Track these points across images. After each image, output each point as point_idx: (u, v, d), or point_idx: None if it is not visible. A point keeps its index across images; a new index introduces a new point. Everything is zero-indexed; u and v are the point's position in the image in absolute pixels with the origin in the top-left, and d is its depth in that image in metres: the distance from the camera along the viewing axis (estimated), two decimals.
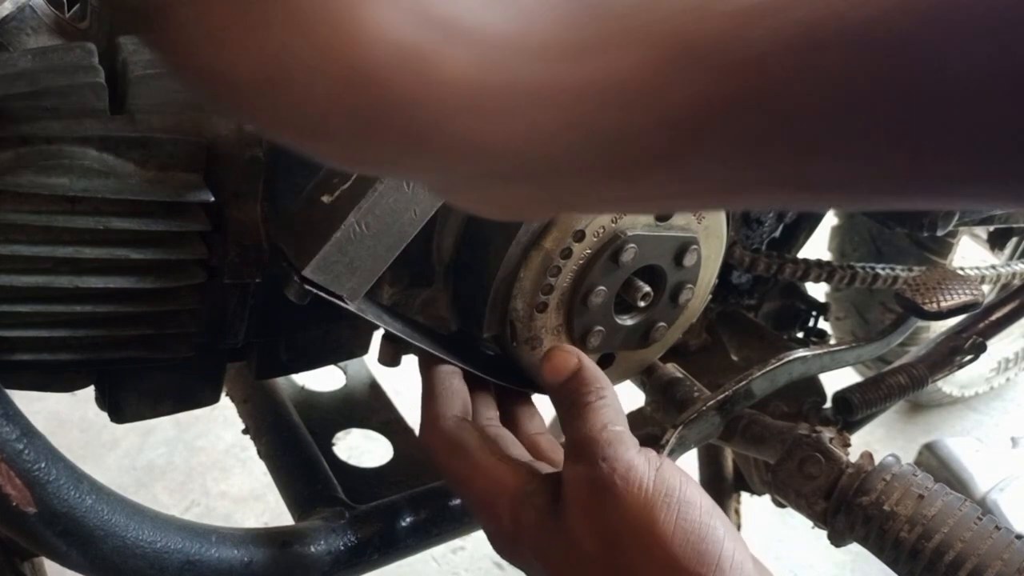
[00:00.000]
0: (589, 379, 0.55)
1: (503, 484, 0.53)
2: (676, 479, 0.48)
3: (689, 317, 0.70)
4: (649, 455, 0.50)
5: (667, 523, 0.46)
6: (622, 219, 0.60)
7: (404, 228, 0.51)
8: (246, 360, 0.66)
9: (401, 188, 0.49)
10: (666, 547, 0.45)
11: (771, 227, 0.88)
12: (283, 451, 0.79)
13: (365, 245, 0.50)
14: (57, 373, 0.57)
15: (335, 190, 0.49)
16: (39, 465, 0.49)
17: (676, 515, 0.46)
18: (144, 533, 0.55)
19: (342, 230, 0.48)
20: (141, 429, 1.66)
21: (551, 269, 0.60)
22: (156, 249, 0.52)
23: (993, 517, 0.65)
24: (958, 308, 0.85)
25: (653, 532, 0.46)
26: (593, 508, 0.48)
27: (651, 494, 0.47)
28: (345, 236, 0.49)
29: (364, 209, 0.49)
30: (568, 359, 0.55)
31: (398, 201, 0.49)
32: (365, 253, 0.50)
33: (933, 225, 0.81)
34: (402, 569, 0.74)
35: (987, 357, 1.20)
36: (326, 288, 0.50)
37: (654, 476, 0.48)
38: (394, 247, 0.52)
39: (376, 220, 0.49)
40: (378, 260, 0.52)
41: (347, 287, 0.51)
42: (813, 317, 1.00)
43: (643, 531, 0.46)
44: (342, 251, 0.49)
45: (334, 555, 0.65)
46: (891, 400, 0.88)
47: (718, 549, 0.46)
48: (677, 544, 0.45)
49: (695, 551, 0.45)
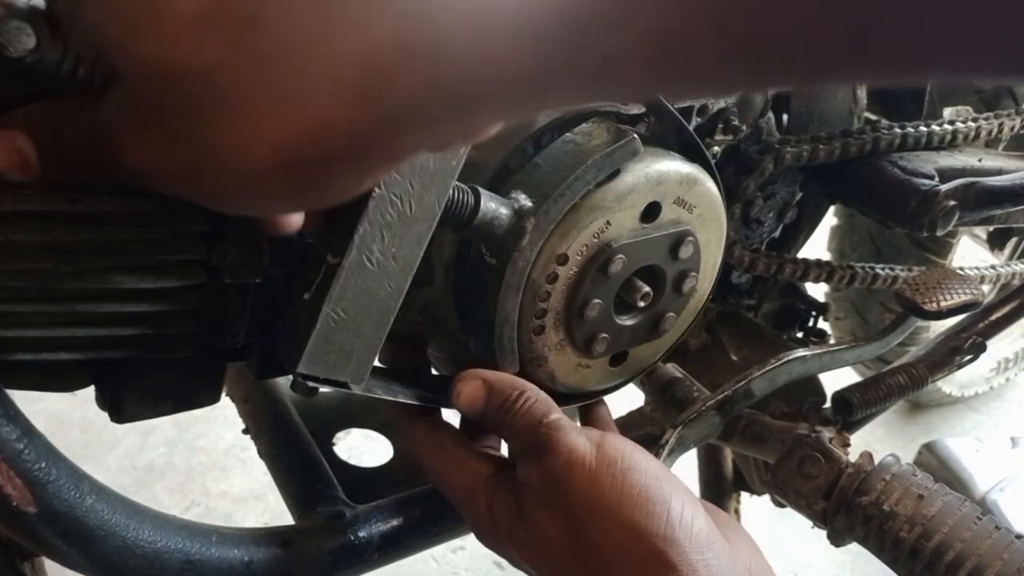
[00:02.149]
0: (504, 389, 0.57)
1: (479, 475, 0.56)
2: (618, 450, 0.51)
3: (698, 301, 0.70)
4: (590, 434, 0.53)
5: (613, 491, 0.49)
6: (606, 232, 0.59)
7: (385, 303, 0.51)
8: (246, 360, 0.66)
9: (365, 266, 0.49)
10: (617, 513, 0.48)
11: (771, 227, 0.88)
12: (283, 451, 0.79)
13: (350, 330, 0.50)
14: (57, 373, 0.57)
15: (311, 285, 0.50)
16: (39, 465, 0.49)
17: (621, 482, 0.49)
18: (144, 533, 0.55)
19: (320, 322, 0.49)
20: (141, 429, 1.66)
21: (540, 295, 0.60)
22: (156, 249, 0.52)
23: (993, 517, 0.65)
24: (958, 308, 0.85)
25: (602, 504, 0.49)
26: (548, 499, 0.51)
27: (594, 469, 0.50)
28: (325, 327, 0.49)
29: (334, 297, 0.49)
30: (475, 387, 0.57)
31: (367, 280, 0.50)
32: (352, 336, 0.51)
33: (933, 225, 0.81)
34: (402, 569, 0.74)
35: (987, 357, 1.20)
36: (328, 379, 0.51)
37: (595, 452, 0.51)
38: (382, 323, 0.52)
39: (351, 303, 0.50)
40: (370, 340, 0.52)
41: (348, 372, 0.52)
42: (813, 317, 1.00)
43: (594, 506, 0.49)
44: (327, 341, 0.50)
45: (334, 555, 0.65)
46: (891, 400, 0.88)
47: (665, 507, 0.48)
48: (626, 509, 0.48)
49: (643, 512, 0.48)
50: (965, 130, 0.90)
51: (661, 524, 0.48)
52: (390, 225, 0.48)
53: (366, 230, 0.48)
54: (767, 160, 0.77)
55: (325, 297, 0.49)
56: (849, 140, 0.82)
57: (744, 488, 1.11)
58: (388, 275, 0.50)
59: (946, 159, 0.88)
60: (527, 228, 0.53)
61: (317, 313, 0.49)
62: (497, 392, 0.57)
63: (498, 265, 0.58)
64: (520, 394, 0.56)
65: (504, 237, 0.53)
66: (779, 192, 0.85)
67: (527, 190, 0.55)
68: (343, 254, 0.48)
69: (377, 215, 0.48)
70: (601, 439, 0.53)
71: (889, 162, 0.84)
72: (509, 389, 0.57)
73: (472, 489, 0.55)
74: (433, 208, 0.49)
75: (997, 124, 0.94)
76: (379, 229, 0.48)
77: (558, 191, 0.56)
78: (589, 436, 0.53)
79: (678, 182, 0.62)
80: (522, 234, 0.53)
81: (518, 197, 0.54)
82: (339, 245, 0.49)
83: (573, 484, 0.50)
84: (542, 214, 0.56)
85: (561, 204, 0.57)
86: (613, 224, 0.59)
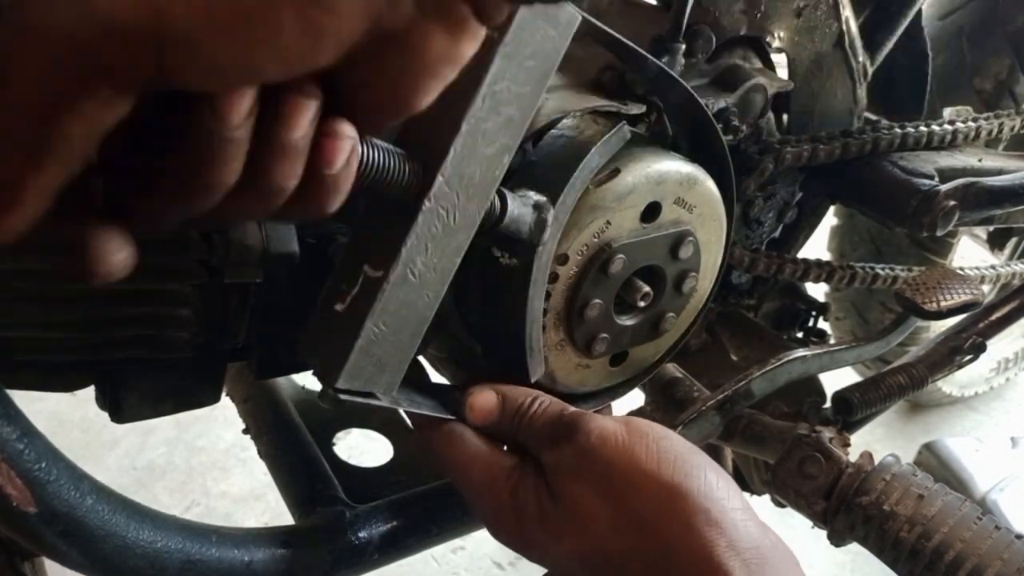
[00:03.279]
0: (518, 397, 0.57)
1: (500, 466, 0.55)
2: (646, 425, 0.52)
3: (699, 301, 0.70)
4: (615, 415, 0.54)
5: (650, 458, 0.50)
6: (606, 232, 0.59)
7: (422, 313, 0.51)
8: (246, 360, 0.66)
9: (408, 279, 0.48)
10: (655, 478, 0.49)
11: (771, 227, 0.88)
12: (283, 451, 0.79)
13: (388, 342, 0.50)
14: (57, 373, 0.57)
15: (346, 297, 0.49)
16: (39, 465, 0.49)
17: (656, 448, 0.51)
18: (144, 533, 0.55)
19: (363, 336, 0.48)
20: (141, 429, 1.65)
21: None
22: (157, 250, 0.52)
23: (993, 517, 0.65)
24: (958, 308, 0.85)
25: (640, 470, 0.50)
26: (583, 474, 0.51)
27: (628, 441, 0.51)
28: (367, 341, 0.48)
29: (378, 311, 0.48)
30: (488, 398, 0.57)
31: (408, 293, 0.49)
32: (390, 349, 0.50)
33: (933, 225, 0.81)
34: (402, 569, 0.74)
35: (987, 357, 1.20)
36: (361, 392, 0.50)
37: (625, 429, 0.52)
38: (417, 333, 0.51)
39: (392, 317, 0.49)
40: (405, 350, 0.51)
41: (381, 384, 0.51)
42: (813, 317, 1.00)
43: (631, 473, 0.50)
44: (367, 355, 0.49)
45: (334, 555, 0.65)
46: (891, 400, 0.88)
47: (702, 471, 0.50)
48: (664, 471, 0.49)
49: (682, 473, 0.49)
50: (965, 130, 0.90)
51: (700, 483, 0.49)
52: (435, 237, 0.48)
53: (413, 243, 0.47)
54: (767, 160, 0.77)
55: (369, 311, 0.48)
56: (849, 140, 0.82)
57: (744, 488, 1.11)
58: (427, 286, 0.50)
59: (946, 159, 0.88)
60: (548, 220, 0.53)
61: (359, 327, 0.48)
62: (511, 400, 0.57)
63: (519, 265, 0.57)
64: (534, 399, 0.57)
65: (529, 234, 0.53)
66: (779, 192, 0.85)
67: (533, 187, 0.55)
68: (387, 267, 0.47)
69: (425, 228, 0.47)
70: (627, 419, 0.53)
71: (889, 162, 0.84)
72: (522, 396, 0.57)
73: (493, 479, 0.55)
74: (474, 218, 0.49)
75: (997, 124, 0.94)
76: (424, 242, 0.47)
77: (571, 181, 0.56)
78: (615, 417, 0.54)
79: (678, 182, 0.62)
80: (544, 226, 0.53)
81: (528, 194, 0.54)
82: (379, 257, 0.47)
83: (608, 455, 0.51)
84: (560, 204, 0.56)
85: (574, 193, 0.57)
86: (613, 224, 0.59)
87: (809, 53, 0.82)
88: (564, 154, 0.58)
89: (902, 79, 1.01)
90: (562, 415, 0.55)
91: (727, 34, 0.76)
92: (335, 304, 0.49)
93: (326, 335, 0.50)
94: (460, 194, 0.47)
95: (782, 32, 0.80)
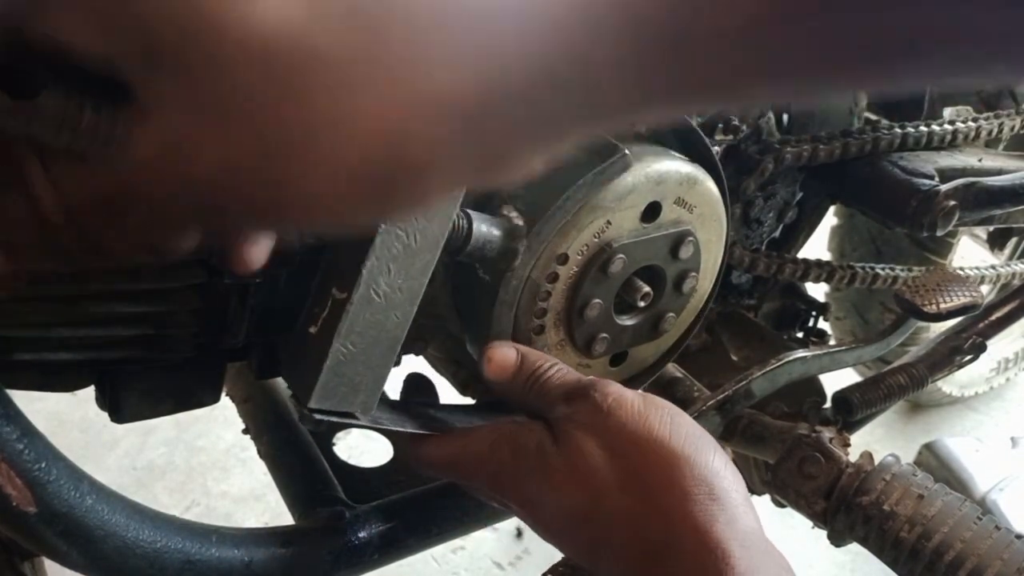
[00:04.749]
0: (537, 359, 0.57)
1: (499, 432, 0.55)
2: (663, 401, 0.53)
3: (699, 301, 0.70)
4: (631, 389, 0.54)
5: (662, 428, 0.51)
6: (606, 232, 0.60)
7: (392, 332, 0.51)
8: (246, 360, 0.66)
9: (373, 300, 0.49)
10: (666, 446, 0.50)
11: (771, 227, 0.88)
12: (283, 451, 0.79)
13: (359, 362, 0.51)
14: (57, 373, 0.57)
15: (318, 319, 0.50)
16: (39, 465, 0.49)
17: (669, 420, 0.51)
18: (144, 533, 0.55)
19: (331, 356, 0.49)
20: (141, 429, 1.65)
21: (540, 295, 0.60)
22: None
23: (993, 517, 0.65)
24: (957, 310, 0.85)
25: (652, 437, 0.50)
26: (594, 429, 0.51)
27: (643, 409, 0.52)
28: (335, 361, 0.49)
29: (344, 331, 0.49)
30: (507, 353, 0.57)
31: (374, 313, 0.50)
32: (362, 369, 0.51)
33: (933, 225, 0.81)
34: (402, 569, 0.74)
35: (987, 357, 1.20)
36: (337, 411, 0.51)
37: (641, 399, 0.52)
38: (389, 353, 0.52)
39: (360, 336, 0.50)
40: (378, 370, 0.52)
41: (357, 403, 0.52)
42: (813, 317, 1.00)
43: (643, 438, 0.50)
44: (338, 375, 0.50)
45: (334, 555, 0.65)
46: (891, 400, 0.88)
47: (711, 449, 0.50)
48: (675, 442, 0.50)
49: (692, 447, 0.50)
50: (965, 130, 0.90)
51: (708, 459, 0.49)
52: (396, 258, 0.49)
53: (373, 264, 0.48)
54: (767, 160, 0.77)
55: (334, 332, 0.49)
56: (849, 140, 0.82)
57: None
58: (394, 306, 0.51)
59: (946, 159, 0.88)
60: (519, 250, 0.54)
61: (327, 348, 0.49)
62: (529, 360, 0.57)
63: (491, 282, 0.58)
64: (553, 363, 0.56)
65: (496, 259, 0.54)
66: (779, 192, 0.85)
67: (520, 204, 0.55)
68: (350, 289, 0.48)
69: (384, 249, 0.48)
70: (644, 393, 0.54)
71: (889, 162, 0.84)
72: (542, 359, 0.57)
73: (495, 442, 0.54)
74: (436, 239, 0.50)
75: (997, 124, 0.94)
76: (385, 263, 0.48)
77: (549, 212, 0.56)
78: (631, 389, 0.54)
79: (678, 182, 0.62)
80: (514, 256, 0.54)
81: (509, 215, 0.54)
82: (345, 280, 0.49)
83: (622, 417, 0.51)
84: (533, 235, 0.56)
85: (552, 224, 0.57)
86: (613, 224, 0.59)
87: None
88: (558, 179, 0.57)
89: None
90: (579, 379, 0.55)
91: None
92: (310, 327, 0.50)
93: (301, 357, 0.51)
94: (417, 216, 0.48)
95: None
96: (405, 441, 0.59)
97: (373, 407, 0.54)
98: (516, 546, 1.45)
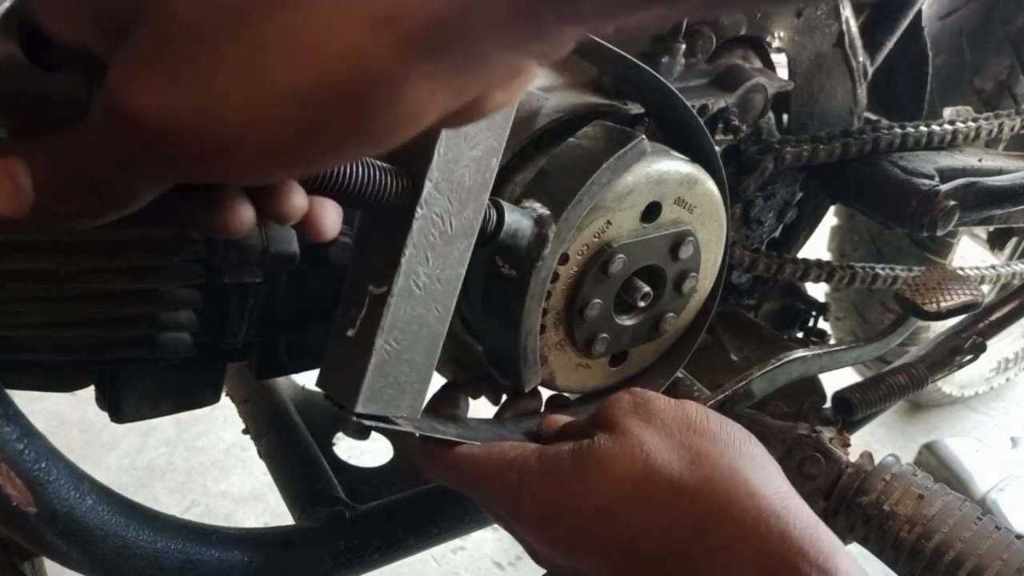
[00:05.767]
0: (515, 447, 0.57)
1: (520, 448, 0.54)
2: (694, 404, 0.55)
3: (699, 301, 0.70)
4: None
5: (699, 414, 0.53)
6: (606, 231, 0.59)
7: (434, 328, 0.50)
8: (246, 360, 0.66)
9: (413, 291, 0.47)
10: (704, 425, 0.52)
11: (771, 227, 0.88)
12: (283, 451, 0.79)
13: (403, 360, 0.49)
14: (57, 373, 0.57)
15: (355, 321, 0.48)
16: (39, 465, 0.49)
17: (705, 412, 0.53)
18: (144, 533, 0.55)
19: (375, 355, 0.47)
20: (141, 429, 1.65)
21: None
22: (156, 250, 0.52)
23: (993, 517, 0.65)
24: (958, 308, 0.85)
25: (691, 419, 0.52)
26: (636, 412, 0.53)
27: (679, 403, 0.54)
28: (379, 360, 0.47)
29: (387, 327, 0.47)
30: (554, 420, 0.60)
31: (414, 306, 0.48)
32: (406, 367, 0.49)
33: (933, 225, 0.81)
34: (402, 569, 0.74)
35: (987, 357, 1.20)
36: (383, 416, 0.49)
37: (674, 401, 0.55)
38: (432, 350, 0.50)
39: (402, 333, 0.48)
40: (422, 369, 0.50)
41: (403, 407, 0.50)
42: (813, 317, 1.00)
43: (684, 420, 0.53)
44: (383, 375, 0.48)
45: (334, 555, 0.65)
46: (891, 400, 0.88)
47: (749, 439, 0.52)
48: (713, 424, 0.52)
49: (727, 430, 0.52)
50: (965, 130, 0.90)
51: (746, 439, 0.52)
52: (433, 246, 0.47)
53: (412, 253, 0.46)
54: (767, 160, 0.77)
55: (376, 330, 0.47)
56: (849, 140, 0.82)
57: None
58: (435, 298, 0.49)
59: (946, 159, 0.88)
60: (549, 236, 0.53)
61: (370, 348, 0.47)
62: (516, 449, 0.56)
63: (518, 276, 0.57)
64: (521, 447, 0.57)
65: (528, 248, 0.53)
66: (779, 192, 0.85)
67: (541, 199, 0.55)
68: (389, 281, 0.46)
69: (422, 237, 0.46)
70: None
71: (889, 162, 0.84)
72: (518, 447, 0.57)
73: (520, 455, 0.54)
74: (471, 224, 0.48)
75: (997, 124, 0.94)
76: (423, 251, 0.47)
77: (576, 197, 0.56)
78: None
79: (679, 182, 0.62)
80: (545, 242, 0.53)
81: (533, 206, 0.54)
82: (381, 274, 0.47)
83: (662, 405, 0.53)
84: (562, 221, 0.55)
85: (579, 209, 0.56)
86: (613, 224, 0.59)
87: (809, 53, 0.82)
88: (578, 167, 0.57)
89: (902, 79, 1.01)
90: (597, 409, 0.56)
91: (727, 34, 0.76)
92: (347, 331, 0.48)
93: (340, 363, 0.49)
94: (452, 199, 0.46)
95: (782, 32, 0.80)
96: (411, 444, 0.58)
97: (420, 410, 0.52)
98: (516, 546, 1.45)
